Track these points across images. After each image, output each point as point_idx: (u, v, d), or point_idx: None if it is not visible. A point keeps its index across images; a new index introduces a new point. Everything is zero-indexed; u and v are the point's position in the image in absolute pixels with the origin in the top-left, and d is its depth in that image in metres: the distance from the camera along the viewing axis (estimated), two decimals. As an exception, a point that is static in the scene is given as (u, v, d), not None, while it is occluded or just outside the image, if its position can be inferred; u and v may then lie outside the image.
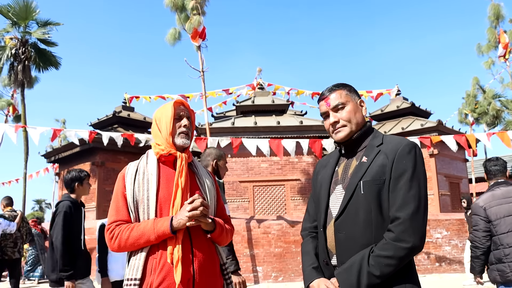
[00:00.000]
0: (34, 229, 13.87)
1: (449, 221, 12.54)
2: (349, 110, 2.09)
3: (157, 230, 2.10)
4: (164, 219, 2.12)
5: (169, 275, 2.09)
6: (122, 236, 2.15)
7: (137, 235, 2.12)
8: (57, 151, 18.96)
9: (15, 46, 17.86)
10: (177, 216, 2.12)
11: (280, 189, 14.48)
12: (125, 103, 19.73)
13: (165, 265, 2.10)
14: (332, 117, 2.12)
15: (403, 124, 17.48)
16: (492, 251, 3.99)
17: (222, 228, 2.32)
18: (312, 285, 2.00)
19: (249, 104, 16.58)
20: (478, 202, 4.14)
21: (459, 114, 25.82)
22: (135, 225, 2.17)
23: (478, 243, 4.02)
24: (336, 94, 2.12)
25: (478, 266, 4.07)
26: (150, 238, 2.11)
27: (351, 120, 2.08)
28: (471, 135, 11.26)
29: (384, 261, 1.82)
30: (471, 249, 4.15)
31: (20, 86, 18.10)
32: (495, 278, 3.97)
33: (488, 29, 22.15)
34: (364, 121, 2.13)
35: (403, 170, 1.90)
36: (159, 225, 2.10)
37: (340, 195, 2.03)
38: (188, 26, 13.89)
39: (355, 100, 2.13)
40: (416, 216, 1.85)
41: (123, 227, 2.18)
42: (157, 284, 2.08)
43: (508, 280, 3.83)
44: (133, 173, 2.29)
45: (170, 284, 2.08)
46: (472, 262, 4.14)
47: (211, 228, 2.23)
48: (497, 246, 3.93)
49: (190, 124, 2.37)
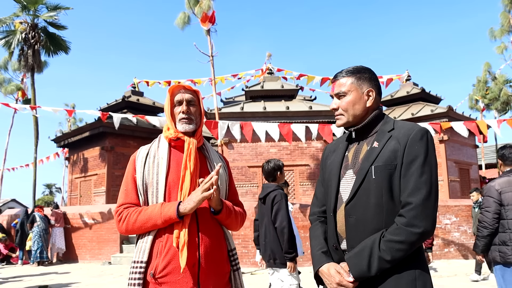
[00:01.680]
0: (38, 213, 14.29)
1: (458, 207, 12.51)
2: (349, 100, 2.09)
3: (163, 214, 2.10)
4: (172, 204, 2.12)
5: (174, 259, 2.09)
6: (130, 219, 2.16)
7: (144, 219, 2.13)
8: (67, 136, 19.09)
9: (25, 30, 17.90)
10: (186, 201, 2.12)
11: (289, 174, 14.49)
12: (135, 87, 19.74)
13: (171, 249, 2.10)
14: (333, 102, 2.15)
15: (413, 109, 17.36)
16: (498, 233, 4.17)
17: (230, 210, 2.30)
18: (322, 269, 2.00)
19: (258, 89, 16.53)
20: (493, 184, 4.25)
21: (470, 100, 25.62)
22: (142, 208, 2.17)
23: (487, 223, 4.18)
24: (342, 81, 2.12)
25: (482, 245, 4.26)
26: (156, 222, 2.11)
27: (348, 110, 2.09)
28: (482, 121, 11.16)
29: (396, 246, 1.82)
30: (478, 229, 4.31)
31: (30, 71, 18.19)
32: (494, 257, 4.18)
33: (502, 13, 21.85)
34: (364, 112, 2.09)
35: (415, 155, 1.89)
36: (166, 209, 2.10)
37: (350, 179, 2.02)
38: (197, 10, 13.80)
39: (362, 90, 2.09)
40: (428, 201, 1.84)
41: (131, 210, 2.18)
42: (162, 267, 2.09)
43: (508, 262, 4.05)
44: (144, 156, 2.29)
45: (175, 268, 2.08)
46: (477, 240, 4.32)
47: (219, 206, 2.21)
48: (504, 229, 4.12)
49: (191, 108, 2.33)
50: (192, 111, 2.33)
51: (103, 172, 17.20)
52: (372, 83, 2.12)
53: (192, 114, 2.33)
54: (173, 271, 2.08)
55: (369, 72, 2.14)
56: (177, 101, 2.33)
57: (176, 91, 2.34)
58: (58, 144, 19.97)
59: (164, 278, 2.09)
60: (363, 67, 2.15)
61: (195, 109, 2.35)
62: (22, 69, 18.57)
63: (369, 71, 2.15)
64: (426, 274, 1.92)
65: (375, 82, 2.13)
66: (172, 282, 2.08)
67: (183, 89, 2.35)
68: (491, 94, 23.32)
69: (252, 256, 11.36)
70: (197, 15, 13.79)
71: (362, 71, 2.13)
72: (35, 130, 18.09)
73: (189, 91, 2.35)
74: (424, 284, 1.88)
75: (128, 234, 2.22)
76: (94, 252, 14.05)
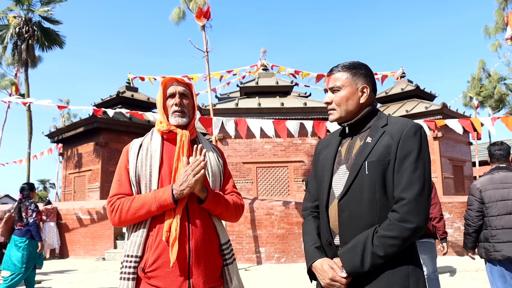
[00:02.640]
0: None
1: (452, 204, 12.55)
2: (342, 95, 2.08)
3: (158, 199, 2.08)
4: (165, 189, 2.10)
5: (164, 253, 2.07)
6: (123, 208, 2.12)
7: (138, 205, 2.10)
8: (61, 131, 19.02)
9: (19, 24, 17.78)
10: (177, 183, 2.09)
11: (283, 171, 14.50)
12: (129, 83, 19.68)
13: (161, 243, 2.08)
14: (326, 96, 2.15)
15: (407, 106, 17.40)
16: (482, 230, 4.33)
17: (218, 198, 2.24)
18: (315, 264, 1.99)
19: (253, 85, 16.52)
20: (476, 183, 4.42)
21: (464, 97, 25.71)
22: (135, 196, 2.16)
23: (470, 221, 4.36)
24: (337, 75, 2.11)
25: (470, 242, 4.44)
26: (151, 207, 2.09)
27: (341, 105, 2.09)
28: (476, 119, 11.19)
29: (389, 241, 1.82)
30: (464, 227, 4.48)
31: (23, 66, 18.08)
32: (481, 254, 4.36)
33: (496, 11, 21.93)
34: (357, 108, 2.08)
35: (409, 151, 1.89)
36: (160, 194, 2.08)
37: (343, 175, 2.02)
38: (192, 5, 13.77)
39: (356, 85, 2.09)
40: (421, 197, 1.84)
41: (124, 199, 2.16)
42: (152, 261, 2.07)
43: (491, 258, 4.22)
44: (137, 148, 2.28)
45: (165, 262, 2.06)
46: (464, 238, 4.50)
47: (203, 194, 2.16)
48: (486, 226, 4.27)
49: (184, 101, 2.32)
50: (185, 104, 2.32)
51: (97, 168, 17.16)
52: (367, 80, 2.11)
53: (185, 107, 2.32)
54: (163, 265, 2.06)
55: (365, 68, 2.13)
56: (170, 93, 2.32)
57: (169, 84, 2.33)
58: (52, 139, 19.89)
59: (154, 272, 2.07)
60: (359, 63, 2.14)
61: (188, 101, 2.35)
62: (16, 64, 18.47)
63: (365, 67, 2.14)
64: (419, 269, 1.92)
65: (371, 79, 2.12)
66: (161, 277, 2.06)
67: (176, 82, 2.34)
68: (485, 91, 23.39)
69: (246, 252, 11.37)
70: (192, 11, 13.75)
71: (358, 67, 2.12)
72: (28, 126, 18.00)
73: (182, 84, 2.34)
74: (417, 279, 1.88)
75: (121, 225, 2.18)
76: (88, 248, 14.02)
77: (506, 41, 20.07)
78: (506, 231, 4.11)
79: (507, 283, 4.16)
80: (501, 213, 4.16)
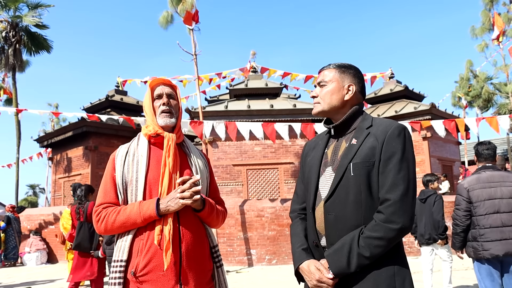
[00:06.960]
0: (12, 214, 14.02)
1: (441, 203, 12.61)
2: (328, 90, 2.12)
3: (143, 213, 2.09)
4: (150, 202, 2.11)
5: (155, 257, 2.08)
6: (109, 220, 2.14)
7: (123, 219, 2.12)
8: (50, 136, 18.87)
9: (5, 29, 17.66)
10: (166, 199, 2.11)
11: (273, 173, 14.51)
12: (118, 87, 19.60)
13: (152, 247, 2.09)
14: (314, 91, 2.19)
15: (396, 107, 17.49)
16: (470, 230, 4.35)
17: (213, 208, 2.30)
18: (302, 266, 2.00)
19: (243, 88, 16.51)
20: (463, 183, 4.45)
21: (452, 97, 25.89)
22: (121, 208, 2.16)
23: (458, 221, 4.39)
24: (326, 72, 2.16)
25: (458, 242, 4.47)
26: (136, 221, 2.10)
27: (325, 99, 2.12)
28: (461, 120, 11.28)
29: (374, 242, 1.83)
30: (452, 226, 4.51)
31: (11, 70, 17.98)
32: (469, 253, 4.39)
33: (482, 12, 22.13)
34: (341, 104, 2.11)
35: (393, 152, 1.91)
36: (145, 208, 2.09)
37: (329, 176, 2.04)
38: (180, 9, 13.74)
39: (343, 83, 2.12)
40: (406, 197, 1.86)
41: (109, 210, 2.17)
42: (143, 265, 2.08)
43: (479, 257, 4.25)
44: (124, 154, 2.28)
45: (156, 266, 2.07)
46: (452, 238, 4.53)
47: (200, 206, 2.21)
48: (474, 226, 4.30)
49: (171, 101, 2.35)
50: (172, 104, 2.34)
51: (87, 172, 17.04)
52: (355, 80, 2.14)
53: (173, 107, 2.35)
54: (154, 269, 2.07)
55: (354, 69, 2.17)
56: (157, 94, 2.34)
57: (156, 85, 2.36)
58: (41, 144, 19.73)
59: (145, 276, 2.08)
60: (350, 64, 2.19)
61: (176, 103, 2.37)
62: (3, 68, 18.35)
63: (355, 68, 2.18)
64: (405, 269, 1.94)
65: (359, 80, 2.16)
66: (153, 281, 2.07)
67: (163, 84, 2.37)
68: (473, 91, 23.56)
69: (237, 255, 11.36)
70: (180, 14, 13.73)
71: (348, 67, 2.16)
72: (17, 130, 17.89)
73: (168, 85, 2.38)
74: (403, 279, 1.89)
75: (108, 234, 2.21)
76: (78, 252, 13.87)
77: (492, 41, 20.29)
78: (494, 230, 4.15)
79: (495, 282, 4.21)
80: (489, 212, 4.19)
